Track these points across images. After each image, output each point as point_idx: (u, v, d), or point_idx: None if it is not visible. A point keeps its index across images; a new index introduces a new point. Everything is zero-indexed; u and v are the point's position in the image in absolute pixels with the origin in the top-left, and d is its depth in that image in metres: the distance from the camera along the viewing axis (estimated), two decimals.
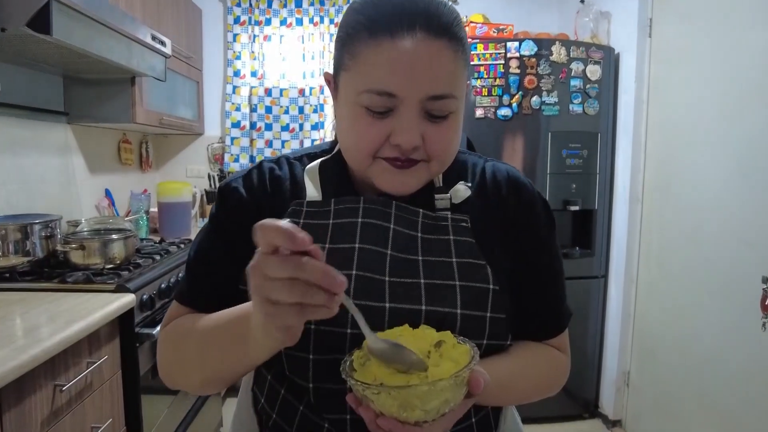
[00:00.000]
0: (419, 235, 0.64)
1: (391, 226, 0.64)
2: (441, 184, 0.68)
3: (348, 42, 0.58)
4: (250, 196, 0.67)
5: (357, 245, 0.62)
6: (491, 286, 0.61)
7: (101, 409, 1.35)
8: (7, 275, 1.52)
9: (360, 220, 0.64)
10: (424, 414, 0.48)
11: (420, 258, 0.62)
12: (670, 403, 2.11)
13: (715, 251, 1.84)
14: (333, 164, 0.69)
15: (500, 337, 0.62)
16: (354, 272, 0.60)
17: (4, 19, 1.35)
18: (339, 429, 0.59)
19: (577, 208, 2.40)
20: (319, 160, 0.69)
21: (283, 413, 0.64)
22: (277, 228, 0.41)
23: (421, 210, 0.65)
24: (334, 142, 0.74)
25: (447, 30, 0.56)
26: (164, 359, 0.66)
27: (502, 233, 0.66)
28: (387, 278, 0.60)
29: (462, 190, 0.67)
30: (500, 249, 0.66)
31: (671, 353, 2.11)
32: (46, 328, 1.17)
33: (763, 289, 1.49)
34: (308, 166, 0.69)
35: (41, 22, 1.36)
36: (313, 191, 0.67)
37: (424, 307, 0.59)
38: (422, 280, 0.60)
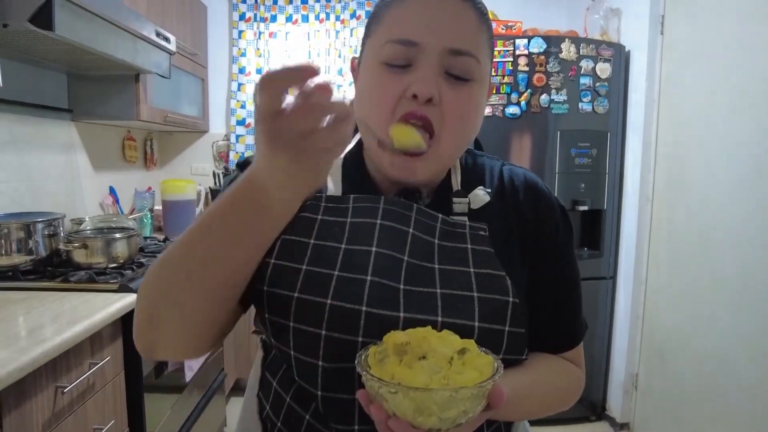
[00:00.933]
0: (436, 241, 0.61)
1: (410, 230, 0.61)
2: (459, 188, 0.65)
3: (376, 12, 0.60)
4: None
5: (374, 249, 0.59)
6: (511, 299, 0.58)
7: (103, 410, 1.34)
8: (10, 274, 1.51)
9: (379, 221, 0.61)
10: (440, 422, 0.45)
11: (437, 266, 0.59)
12: (680, 407, 2.07)
13: (728, 253, 1.80)
14: (353, 160, 0.67)
15: (517, 352, 0.60)
16: (369, 278, 0.57)
17: (6, 14, 1.33)
18: None
19: (585, 208, 2.37)
20: (343, 155, 0.67)
21: (289, 422, 0.62)
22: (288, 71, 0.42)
23: (440, 215, 0.63)
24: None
25: None
26: (144, 303, 0.57)
27: (519, 241, 0.64)
28: (402, 286, 0.57)
29: (481, 196, 0.64)
30: (517, 257, 0.63)
31: (681, 356, 2.07)
32: (48, 328, 1.15)
33: None
34: None
35: (44, 18, 1.34)
36: (332, 185, 0.64)
37: (440, 319, 0.56)
38: (438, 290, 0.58)
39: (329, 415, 0.58)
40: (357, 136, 0.68)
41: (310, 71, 0.42)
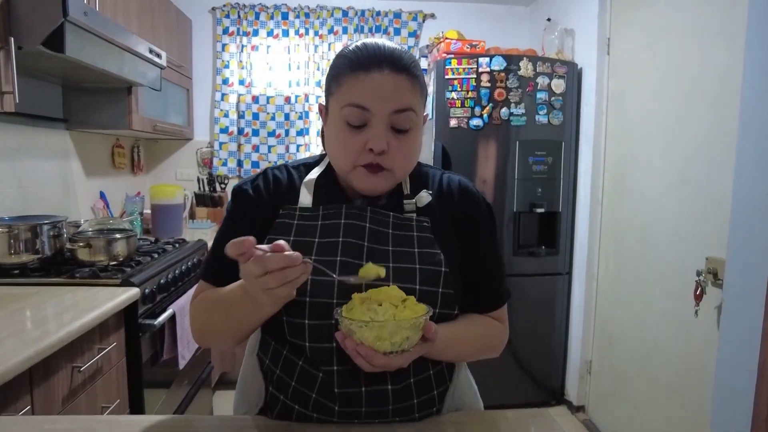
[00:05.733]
0: (390, 231, 0.83)
1: (367, 225, 0.82)
2: (409, 192, 0.86)
3: (336, 76, 0.80)
4: (256, 195, 0.86)
5: (341, 239, 0.81)
6: (443, 269, 0.80)
7: (109, 391, 1.49)
8: (17, 272, 1.65)
9: (343, 221, 0.82)
10: (391, 346, 0.67)
11: (390, 248, 0.81)
12: (625, 387, 2.32)
13: (660, 248, 2.06)
14: (325, 177, 0.88)
15: (449, 308, 0.81)
16: (339, 258, 0.79)
17: (21, 38, 1.49)
18: (329, 377, 0.77)
19: (542, 210, 2.61)
20: (316, 175, 0.87)
21: (286, 368, 0.82)
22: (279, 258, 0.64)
23: (391, 213, 0.84)
24: (323, 155, 0.92)
25: (406, 68, 0.77)
26: (196, 325, 0.84)
27: (454, 228, 0.85)
28: (364, 263, 0.78)
29: (425, 197, 0.86)
30: (453, 241, 0.84)
31: (626, 341, 2.33)
32: (65, 316, 1.31)
33: (696, 281, 1.70)
34: (306, 179, 0.87)
35: (56, 41, 1.51)
36: (307, 198, 0.85)
37: (391, 284, 0.76)
38: (391, 264, 0.79)
39: (316, 360, 0.78)
40: (326, 159, 0.89)
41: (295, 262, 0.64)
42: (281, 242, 0.64)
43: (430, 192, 0.86)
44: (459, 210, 0.86)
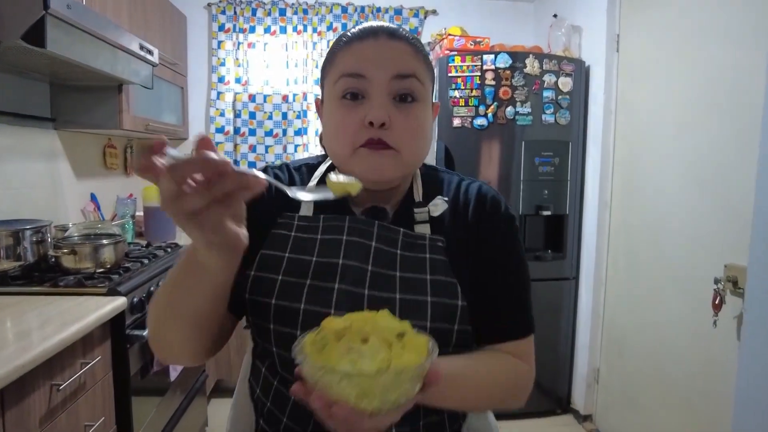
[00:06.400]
0: (398, 252, 0.71)
1: (373, 243, 0.71)
2: (421, 199, 0.75)
3: (330, 57, 0.72)
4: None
5: (341, 261, 0.69)
6: (460, 302, 0.68)
7: (94, 408, 1.40)
8: None
9: (345, 237, 0.71)
10: (381, 404, 0.47)
11: (398, 274, 0.69)
12: (636, 397, 2.24)
13: (674, 254, 1.97)
14: None
15: (465, 348, 0.70)
16: (336, 286, 0.68)
17: None
18: None
19: (549, 213, 2.51)
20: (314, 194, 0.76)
21: (276, 402, 0.72)
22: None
23: (401, 229, 0.72)
24: (325, 155, 0.82)
25: (405, 37, 0.69)
26: (149, 329, 0.68)
27: (473, 243, 0.73)
28: (366, 292, 0.67)
29: (440, 204, 0.74)
30: (470, 259, 0.72)
31: (636, 350, 2.24)
32: (44, 329, 1.22)
33: (714, 289, 1.61)
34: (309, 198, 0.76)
35: (36, 35, 1.41)
36: (306, 207, 0.75)
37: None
38: (398, 295, 0.67)
39: None
40: (328, 161, 0.79)
41: (208, 163, 0.44)
42: (205, 137, 0.45)
43: (446, 199, 0.75)
44: (478, 220, 0.74)
